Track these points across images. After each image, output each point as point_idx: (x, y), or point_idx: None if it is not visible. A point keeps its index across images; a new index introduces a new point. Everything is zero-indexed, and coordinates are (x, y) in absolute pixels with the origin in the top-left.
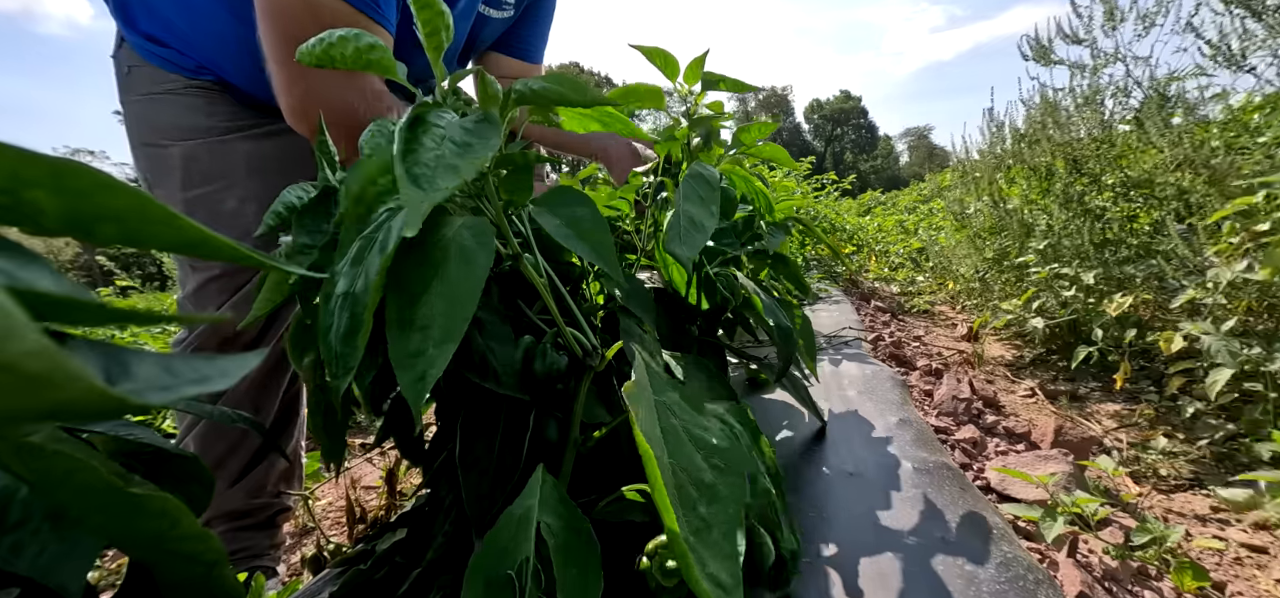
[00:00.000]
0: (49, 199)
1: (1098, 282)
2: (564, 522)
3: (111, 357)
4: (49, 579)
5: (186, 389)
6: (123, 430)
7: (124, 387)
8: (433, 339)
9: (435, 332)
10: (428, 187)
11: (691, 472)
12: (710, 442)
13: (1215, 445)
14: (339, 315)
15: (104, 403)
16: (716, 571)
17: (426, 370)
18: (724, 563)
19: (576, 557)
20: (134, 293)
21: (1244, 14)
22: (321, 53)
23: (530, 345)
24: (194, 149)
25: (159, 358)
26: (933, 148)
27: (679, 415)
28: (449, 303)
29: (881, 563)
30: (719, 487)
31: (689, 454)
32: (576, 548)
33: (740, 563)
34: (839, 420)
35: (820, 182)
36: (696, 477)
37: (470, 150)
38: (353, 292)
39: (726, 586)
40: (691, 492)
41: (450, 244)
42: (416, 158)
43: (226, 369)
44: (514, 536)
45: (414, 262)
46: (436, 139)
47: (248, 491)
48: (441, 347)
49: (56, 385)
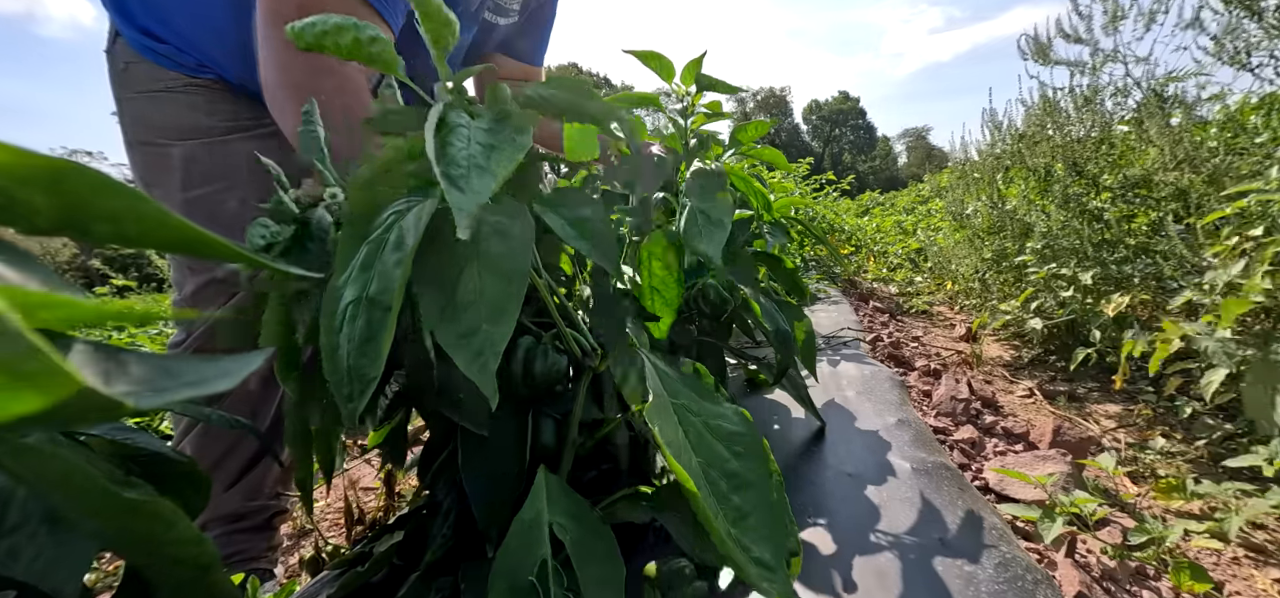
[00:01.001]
0: (46, 199)
1: (1096, 282)
2: (576, 520)
3: (109, 358)
4: (45, 582)
5: (184, 391)
6: (119, 434)
7: (120, 388)
8: (484, 316)
9: (485, 308)
10: (466, 188)
11: (719, 465)
12: (728, 429)
13: (1213, 445)
14: (351, 324)
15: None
16: (761, 553)
17: (483, 348)
18: (767, 546)
19: (594, 553)
20: (131, 294)
21: (1243, 13)
22: (314, 38)
23: (531, 347)
24: (194, 149)
25: (156, 359)
26: (931, 148)
27: (696, 412)
28: (497, 277)
29: (880, 563)
30: (746, 473)
31: (712, 448)
32: (592, 545)
33: (785, 543)
34: (838, 421)
35: (818, 182)
36: (724, 467)
37: (496, 152)
38: (368, 296)
39: (771, 565)
40: (722, 484)
41: (480, 226)
42: (451, 158)
43: (228, 370)
44: (527, 540)
45: (440, 251)
46: (463, 139)
47: (244, 493)
48: (497, 324)
49: (51, 388)
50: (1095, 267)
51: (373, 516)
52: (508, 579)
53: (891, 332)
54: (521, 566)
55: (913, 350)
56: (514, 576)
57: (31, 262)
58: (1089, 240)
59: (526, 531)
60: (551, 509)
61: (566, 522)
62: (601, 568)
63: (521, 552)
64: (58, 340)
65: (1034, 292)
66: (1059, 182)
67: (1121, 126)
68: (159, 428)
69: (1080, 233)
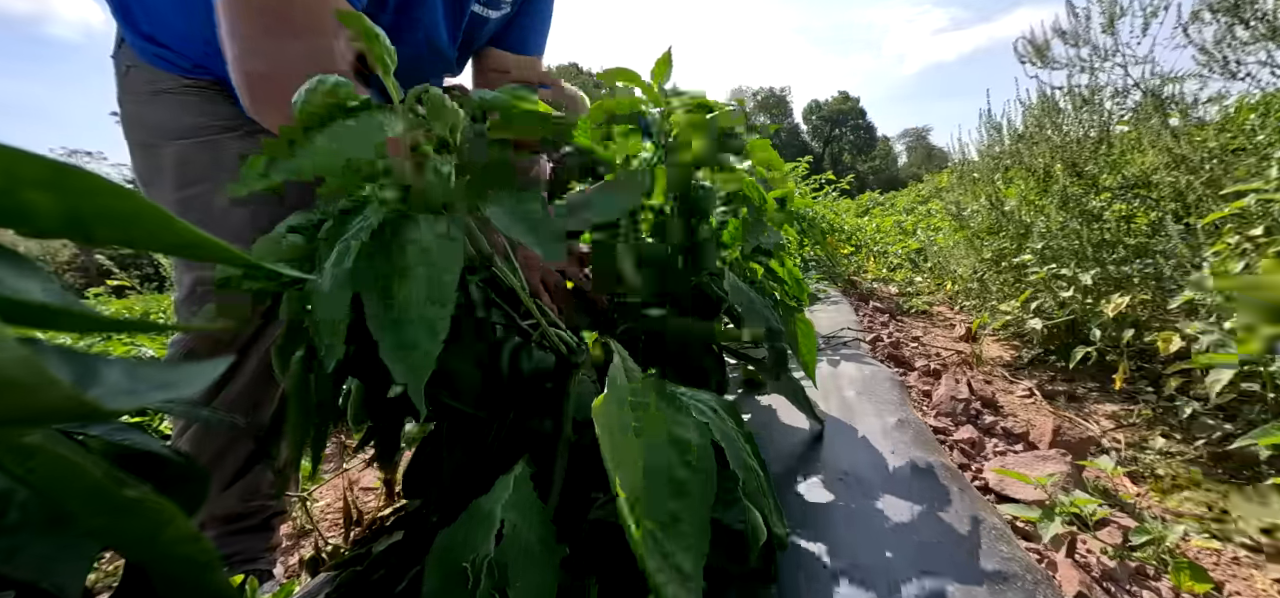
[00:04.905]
0: (48, 200)
1: (1096, 282)
2: (527, 521)
3: (81, 364)
4: (46, 581)
5: (152, 395)
6: (118, 434)
7: (94, 392)
8: (420, 333)
9: (417, 325)
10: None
11: (667, 471)
12: (687, 439)
13: (1212, 445)
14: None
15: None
16: (681, 561)
17: (419, 363)
18: (689, 556)
19: (534, 559)
20: (132, 293)
21: (1232, 21)
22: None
23: (516, 346)
24: (186, 149)
25: (126, 365)
26: (931, 149)
27: (656, 415)
28: (426, 295)
29: (879, 563)
30: (690, 483)
31: (663, 452)
32: (535, 551)
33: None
34: (837, 421)
35: (818, 181)
36: (671, 475)
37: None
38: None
39: (687, 573)
40: (664, 490)
41: (411, 245)
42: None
43: (191, 376)
44: (475, 530)
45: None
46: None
47: (242, 494)
48: (430, 340)
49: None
50: (1095, 267)
51: (372, 516)
52: (444, 565)
53: (891, 332)
54: (464, 552)
55: (913, 350)
56: (453, 560)
57: (30, 267)
58: (1088, 241)
59: (477, 521)
60: (509, 507)
61: (519, 521)
62: (535, 576)
63: (467, 540)
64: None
65: (1034, 292)
66: (1058, 182)
67: (1120, 127)
68: (159, 428)
69: (1080, 233)
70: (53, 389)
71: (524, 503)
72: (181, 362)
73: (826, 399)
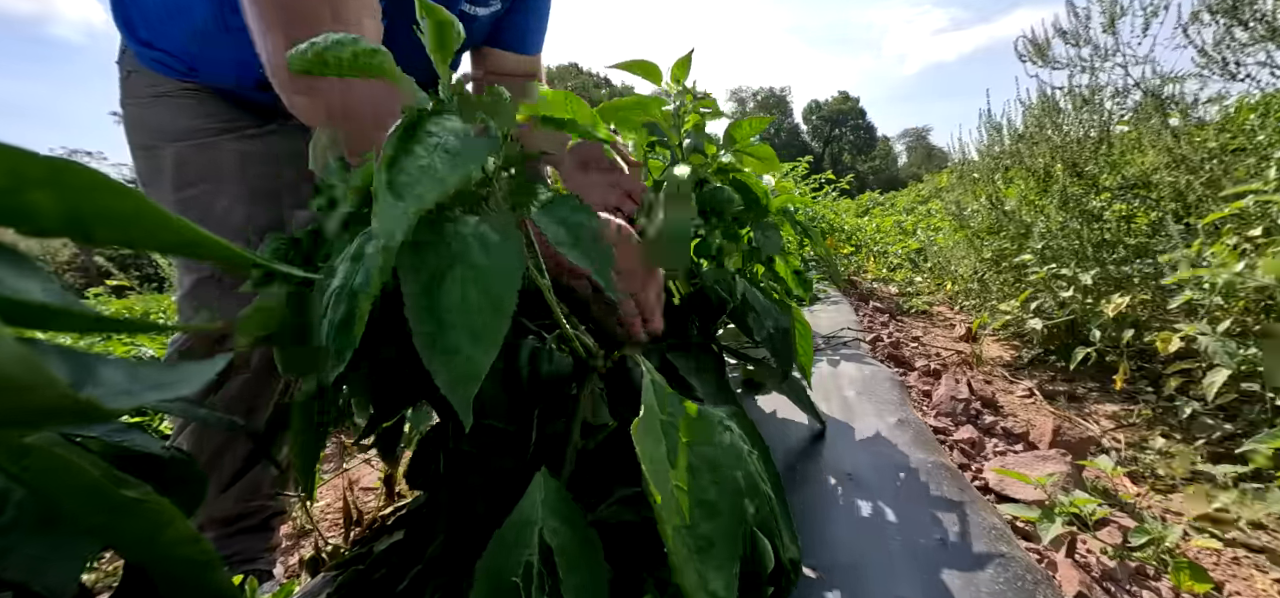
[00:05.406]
0: (49, 200)
1: (1096, 282)
2: (567, 525)
3: (79, 363)
4: (38, 584)
5: (148, 395)
6: (117, 434)
7: (92, 392)
8: (465, 339)
9: (467, 332)
10: (407, 196)
11: (697, 493)
12: (716, 459)
13: (1212, 445)
14: (334, 308)
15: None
16: (716, 586)
17: (465, 372)
18: (721, 577)
19: (581, 561)
20: (131, 293)
21: (1231, 22)
22: (314, 58)
23: (536, 348)
24: (184, 150)
25: (123, 364)
26: (931, 149)
27: (685, 432)
28: (482, 293)
29: (879, 564)
30: (721, 503)
31: (695, 473)
32: (579, 552)
33: (736, 577)
34: (837, 421)
35: (818, 181)
36: (701, 497)
37: (459, 159)
38: (351, 286)
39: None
40: (696, 512)
41: (469, 239)
42: (402, 166)
43: (187, 376)
44: (516, 540)
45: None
46: (428, 149)
47: (241, 494)
48: (479, 348)
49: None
50: (1095, 267)
51: (372, 516)
52: (492, 578)
53: (891, 332)
54: (507, 565)
55: (913, 350)
56: (499, 575)
57: (30, 267)
58: (1088, 241)
59: (516, 531)
60: (544, 512)
61: (558, 525)
62: (585, 576)
63: (509, 551)
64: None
65: (1034, 292)
66: (1058, 182)
67: (1121, 127)
68: (159, 428)
69: (1080, 233)
70: (52, 389)
71: (560, 507)
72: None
73: (827, 399)
